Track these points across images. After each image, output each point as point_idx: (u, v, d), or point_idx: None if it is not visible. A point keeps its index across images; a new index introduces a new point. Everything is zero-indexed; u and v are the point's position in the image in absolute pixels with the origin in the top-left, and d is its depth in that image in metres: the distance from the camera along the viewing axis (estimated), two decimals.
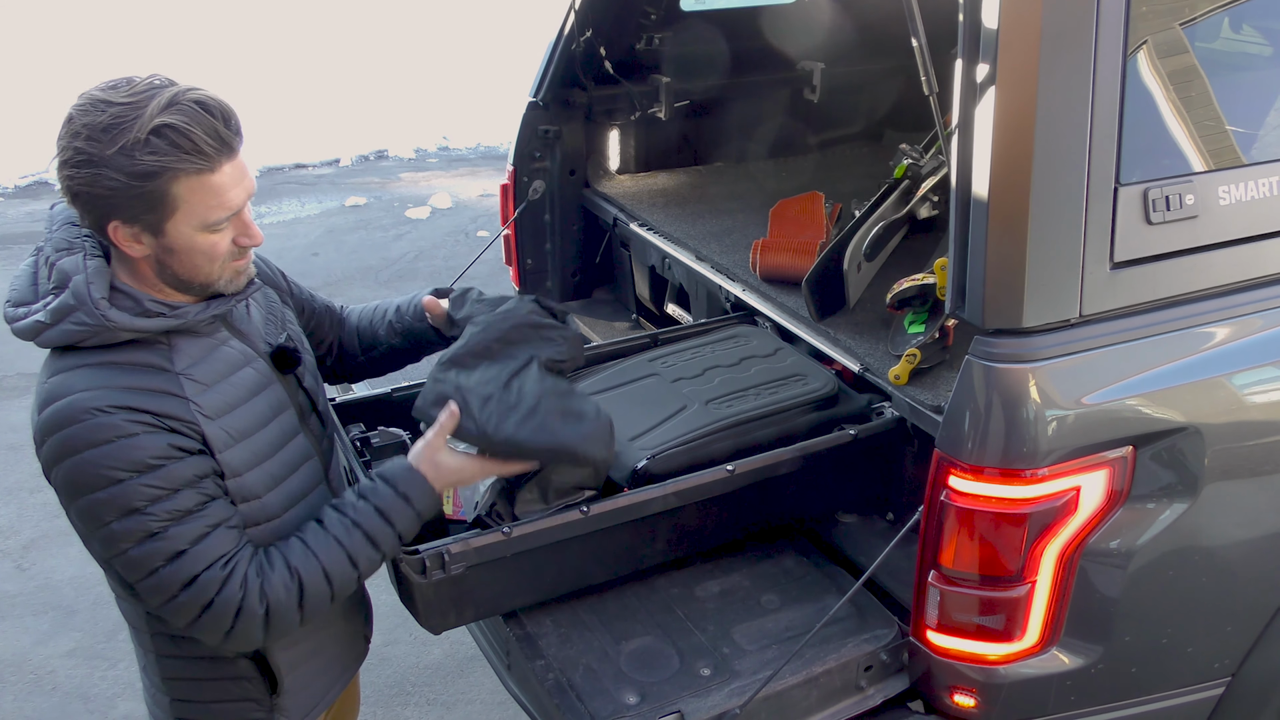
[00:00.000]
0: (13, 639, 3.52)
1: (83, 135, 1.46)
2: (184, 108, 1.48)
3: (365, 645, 2.04)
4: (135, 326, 1.54)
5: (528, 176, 3.41)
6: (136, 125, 1.45)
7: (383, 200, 7.96)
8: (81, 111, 1.48)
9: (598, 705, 1.89)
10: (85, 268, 1.54)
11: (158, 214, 1.51)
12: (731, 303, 2.84)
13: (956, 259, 1.78)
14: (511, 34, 10.65)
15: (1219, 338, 1.90)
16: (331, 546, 1.65)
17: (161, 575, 1.54)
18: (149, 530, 1.51)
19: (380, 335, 2.14)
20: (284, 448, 1.72)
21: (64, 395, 1.51)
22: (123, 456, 1.49)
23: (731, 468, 2.11)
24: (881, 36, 3.83)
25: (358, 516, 1.69)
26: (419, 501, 1.73)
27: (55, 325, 1.53)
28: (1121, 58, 1.73)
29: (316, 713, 1.88)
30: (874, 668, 2.00)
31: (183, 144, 1.47)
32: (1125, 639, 1.95)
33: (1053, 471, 1.78)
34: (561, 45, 3.30)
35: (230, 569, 1.57)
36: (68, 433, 1.49)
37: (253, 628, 1.60)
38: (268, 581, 1.60)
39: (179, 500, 1.53)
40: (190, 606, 1.57)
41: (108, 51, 9.88)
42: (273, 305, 1.86)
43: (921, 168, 2.87)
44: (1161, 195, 1.79)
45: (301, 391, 1.82)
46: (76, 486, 1.51)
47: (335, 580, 1.66)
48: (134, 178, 1.46)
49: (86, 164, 1.46)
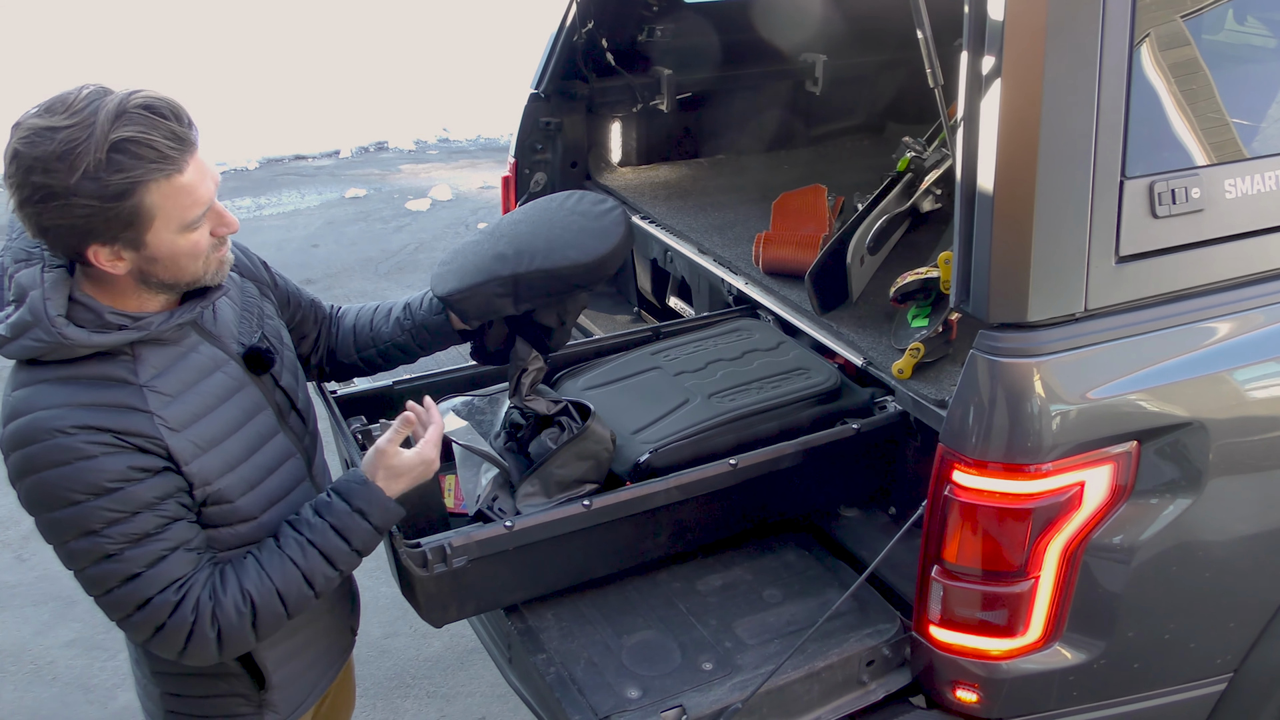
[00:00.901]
0: (13, 629, 3.51)
1: (38, 169, 1.40)
2: (134, 115, 1.42)
3: (352, 637, 2.02)
4: (93, 343, 1.50)
5: (529, 168, 3.40)
6: (92, 145, 1.39)
7: (383, 192, 7.94)
8: (28, 145, 1.41)
9: (599, 699, 1.89)
10: (42, 282, 1.50)
11: (136, 229, 1.47)
12: (734, 296, 2.83)
13: (961, 252, 1.77)
14: (512, 26, 10.63)
15: (1224, 332, 1.90)
16: (286, 567, 1.62)
17: (116, 595, 1.53)
18: (105, 552, 1.50)
19: (384, 333, 2.08)
20: (260, 450, 1.69)
21: (26, 412, 1.48)
22: (81, 479, 1.47)
23: (734, 462, 2.10)
24: (884, 29, 3.82)
25: (312, 535, 1.65)
26: (375, 516, 1.68)
27: (14, 340, 1.49)
28: (1127, 49, 1.72)
29: (306, 706, 1.88)
30: (876, 662, 2.00)
31: (146, 154, 1.42)
32: (1128, 634, 1.95)
33: (1057, 466, 1.77)
34: (563, 37, 3.29)
35: (184, 593, 1.55)
36: (28, 452, 1.47)
37: (205, 648, 1.59)
38: (220, 606, 1.57)
39: (136, 523, 1.51)
40: (144, 626, 1.56)
41: (108, 46, 9.86)
42: (249, 300, 1.80)
43: (924, 161, 2.86)
44: (1167, 189, 1.78)
45: (279, 390, 1.78)
46: (36, 504, 1.50)
47: (290, 601, 1.63)
48: (106, 200, 1.42)
49: (51, 197, 1.40)
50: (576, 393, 2.35)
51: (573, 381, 2.44)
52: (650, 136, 3.66)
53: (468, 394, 2.38)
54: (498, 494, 2.06)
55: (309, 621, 1.81)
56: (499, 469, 2.09)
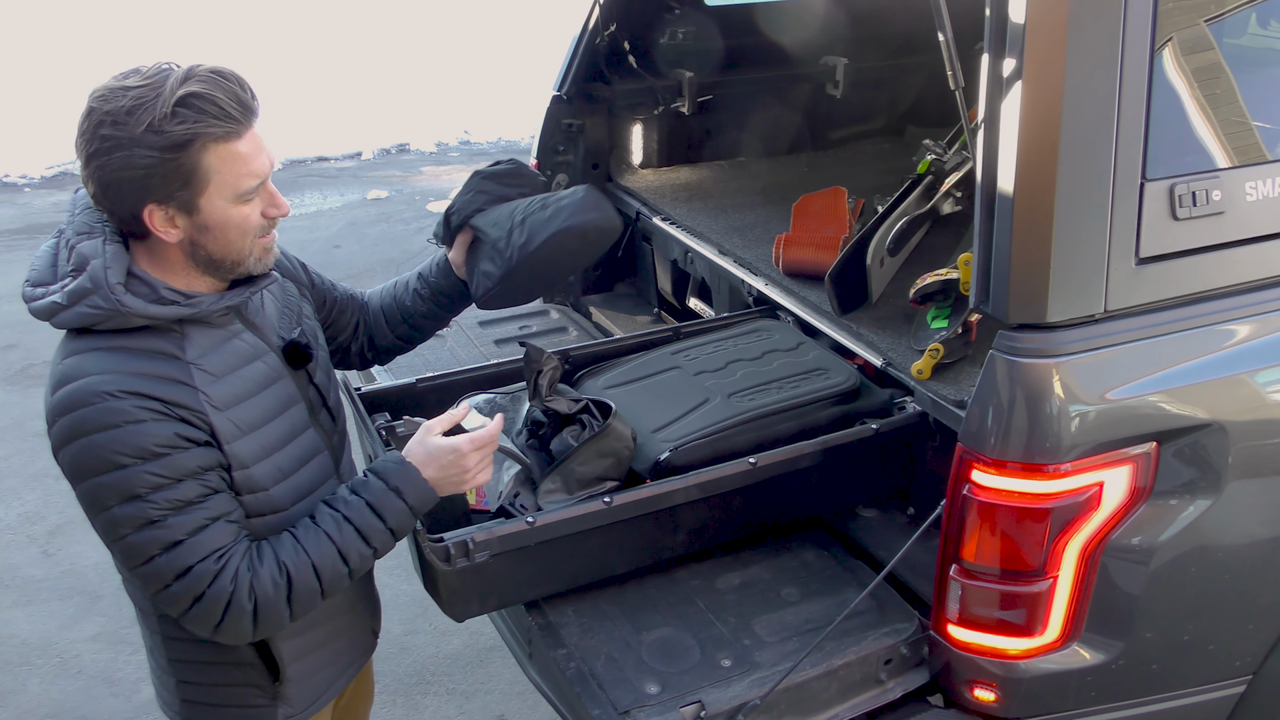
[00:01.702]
0: (39, 623, 3.56)
1: (107, 123, 1.48)
2: (203, 77, 1.52)
3: (373, 640, 2.04)
4: (148, 313, 1.55)
5: (551, 170, 3.43)
6: (160, 101, 1.48)
7: (404, 193, 7.99)
8: (101, 101, 1.50)
9: (619, 694, 1.90)
10: (104, 252, 1.56)
11: (191, 189, 1.53)
12: (754, 297, 2.84)
13: (981, 253, 1.78)
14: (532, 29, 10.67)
15: (1244, 334, 1.90)
16: (322, 542, 1.65)
17: (157, 563, 1.55)
18: (148, 518, 1.53)
19: (408, 306, 2.14)
20: (293, 441, 1.73)
21: (77, 378, 1.52)
22: (129, 442, 1.50)
23: (754, 460, 2.11)
24: (904, 32, 3.83)
25: (348, 511, 1.67)
26: (410, 495, 1.71)
27: (71, 307, 1.54)
28: (1148, 52, 1.72)
29: (321, 704, 1.89)
30: (894, 661, 2.01)
31: (209, 109, 1.50)
32: (1146, 635, 1.95)
33: (1076, 467, 1.78)
34: (586, 39, 3.32)
35: (223, 563, 1.58)
36: (78, 415, 1.51)
37: (242, 622, 1.61)
38: (257, 577, 1.60)
39: (180, 490, 1.54)
40: (183, 597, 1.58)
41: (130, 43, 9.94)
42: (289, 299, 1.86)
43: (945, 163, 2.86)
44: (1188, 191, 1.79)
45: (312, 387, 1.82)
46: (82, 469, 1.53)
47: (325, 576, 1.65)
48: (166, 150, 1.49)
49: (116, 148, 1.49)
50: (597, 392, 2.37)
51: (593, 380, 2.45)
52: (671, 138, 3.68)
53: (490, 391, 2.41)
54: (519, 490, 2.08)
55: (328, 617, 1.83)
56: (521, 466, 2.12)
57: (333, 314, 2.06)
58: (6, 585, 3.74)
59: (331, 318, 2.06)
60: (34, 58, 10.18)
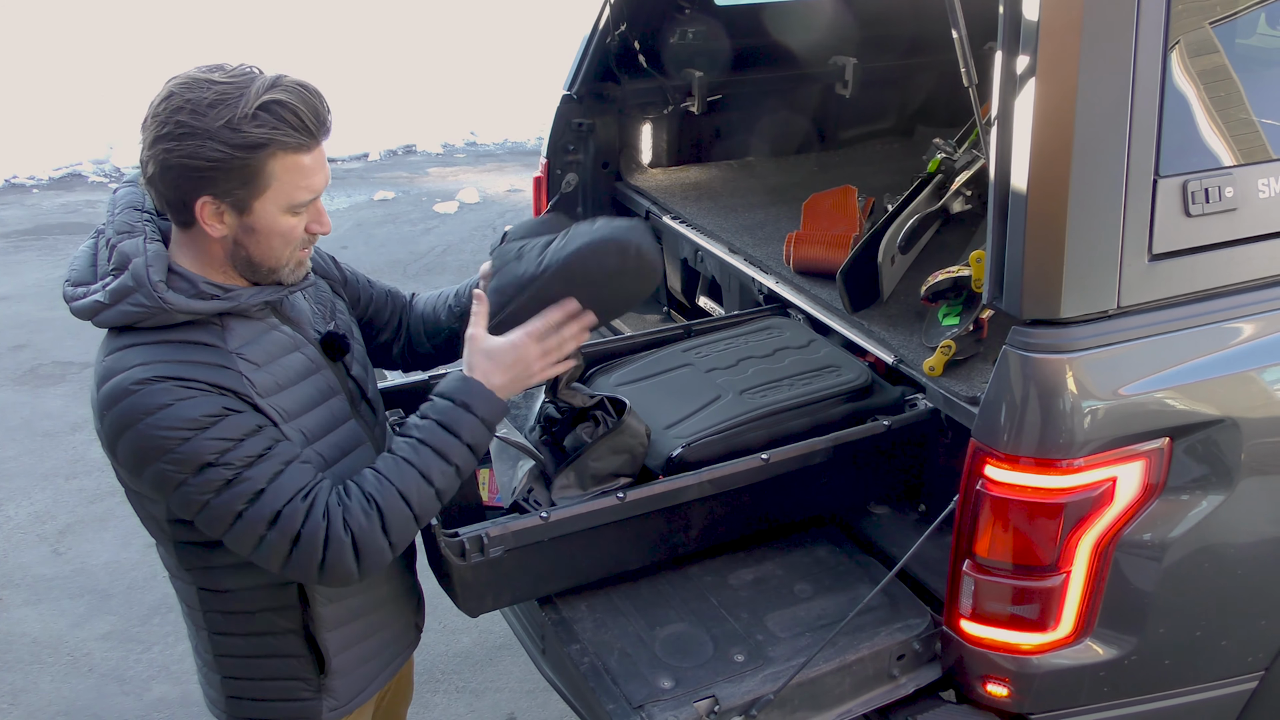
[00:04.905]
0: (50, 621, 3.57)
1: (186, 110, 1.50)
2: (289, 87, 1.55)
3: (416, 634, 2.05)
4: (190, 308, 1.58)
5: (561, 169, 3.43)
6: (243, 101, 1.51)
7: (411, 195, 8.01)
8: (184, 88, 1.52)
9: (633, 689, 1.91)
10: (145, 251, 1.58)
11: (249, 190, 1.55)
12: (764, 295, 2.85)
13: (994, 249, 1.78)
14: (539, 30, 10.68)
15: (1257, 330, 1.90)
16: (402, 468, 1.66)
17: (247, 517, 1.56)
18: (224, 479, 1.54)
19: (442, 320, 2.13)
20: (334, 430, 1.74)
21: (121, 370, 1.54)
22: (181, 416, 1.52)
23: (766, 457, 2.12)
24: (913, 32, 3.84)
25: (421, 434, 1.69)
26: (479, 407, 1.72)
27: (113, 306, 1.56)
28: (1162, 50, 1.73)
29: (365, 697, 1.90)
30: (907, 656, 2.01)
31: (289, 118, 1.53)
32: (1159, 631, 1.96)
33: (1089, 462, 1.78)
34: (596, 39, 3.33)
35: (311, 499, 1.59)
36: (125, 404, 1.52)
37: (344, 557, 1.61)
38: (348, 510, 1.61)
39: (246, 447, 1.55)
40: (280, 544, 1.58)
41: (136, 46, 9.98)
42: (322, 295, 1.88)
43: (955, 162, 2.87)
44: (1201, 187, 1.80)
45: (350, 380, 1.84)
46: (143, 454, 1.54)
47: (414, 501, 1.66)
48: (238, 149, 1.51)
49: (189, 136, 1.50)
50: (609, 389, 2.38)
51: (605, 378, 2.46)
52: (681, 138, 3.69)
53: None
54: (533, 486, 2.09)
55: (372, 608, 1.84)
56: (535, 461, 2.12)
57: (369, 310, 2.07)
58: (17, 584, 3.76)
59: (368, 315, 2.07)
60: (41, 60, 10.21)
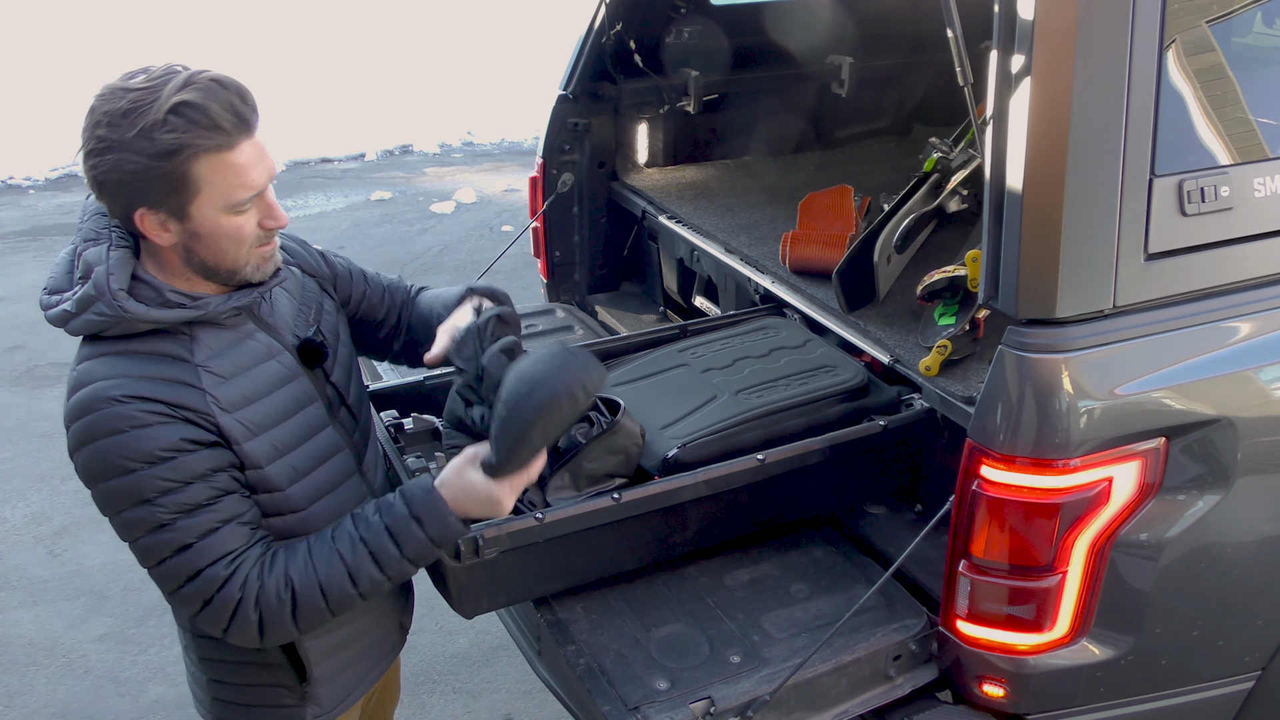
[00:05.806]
0: (45, 623, 3.57)
1: (104, 123, 1.47)
2: (201, 85, 1.49)
3: (402, 635, 2.04)
4: (152, 318, 1.55)
5: (557, 169, 3.43)
6: (154, 106, 1.46)
7: (408, 195, 8.00)
8: (102, 100, 1.49)
9: (629, 690, 1.90)
10: (107, 259, 1.56)
11: (181, 196, 1.51)
12: (761, 295, 2.84)
13: (990, 249, 1.78)
14: (535, 30, 10.69)
15: (1253, 329, 1.90)
16: (333, 562, 1.62)
17: (168, 566, 1.56)
18: (158, 521, 1.53)
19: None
20: (309, 440, 1.72)
21: (87, 383, 1.54)
22: (135, 447, 1.51)
23: (762, 457, 2.12)
24: (910, 31, 3.83)
25: (366, 532, 1.64)
26: (431, 527, 1.65)
27: (79, 315, 1.55)
28: (1157, 48, 1.72)
29: (350, 701, 1.89)
30: (903, 657, 2.01)
31: (200, 120, 1.47)
32: (1155, 631, 1.95)
33: (1085, 462, 1.78)
34: (592, 39, 3.32)
35: (234, 568, 1.57)
36: (86, 420, 1.52)
37: (248, 630, 1.61)
38: (264, 589, 1.59)
39: (189, 494, 1.54)
40: (193, 599, 1.59)
41: (134, 44, 9.96)
42: (307, 295, 1.83)
43: (951, 161, 2.86)
44: (1197, 187, 1.79)
45: (330, 385, 1.80)
46: (93, 473, 1.54)
47: (331, 597, 1.62)
48: (153, 158, 1.47)
49: (108, 150, 1.48)
50: (605, 388, 2.37)
51: None
52: (677, 137, 3.68)
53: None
54: (529, 488, 2.08)
55: (355, 616, 1.82)
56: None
57: (361, 306, 2.00)
58: (13, 586, 3.75)
59: (361, 311, 2.00)
60: (38, 59, 10.20)
